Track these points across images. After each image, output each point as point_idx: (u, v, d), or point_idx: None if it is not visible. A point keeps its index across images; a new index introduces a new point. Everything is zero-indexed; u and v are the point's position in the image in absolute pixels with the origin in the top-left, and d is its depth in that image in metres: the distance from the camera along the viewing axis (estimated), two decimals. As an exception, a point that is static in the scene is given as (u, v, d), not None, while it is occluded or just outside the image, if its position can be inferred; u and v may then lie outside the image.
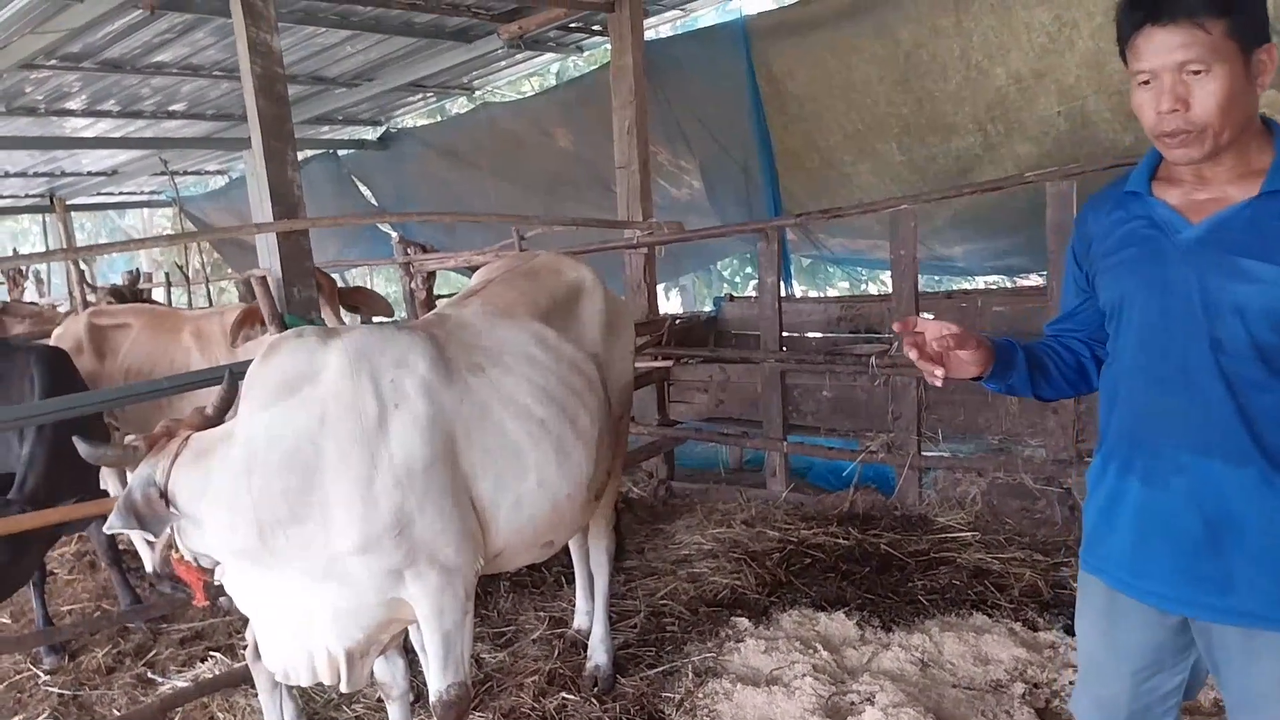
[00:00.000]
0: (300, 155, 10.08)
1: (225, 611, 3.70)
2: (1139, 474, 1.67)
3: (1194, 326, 1.56)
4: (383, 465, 2.26)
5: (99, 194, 13.86)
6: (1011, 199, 5.86)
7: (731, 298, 7.62)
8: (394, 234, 8.09)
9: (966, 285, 8.70)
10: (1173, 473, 1.62)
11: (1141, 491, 1.67)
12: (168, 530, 2.24)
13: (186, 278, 9.50)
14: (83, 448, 2.26)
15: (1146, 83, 1.52)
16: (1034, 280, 8.06)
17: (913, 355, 1.64)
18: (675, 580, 4.17)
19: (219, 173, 13.47)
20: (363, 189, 10.89)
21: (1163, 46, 1.47)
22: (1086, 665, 1.87)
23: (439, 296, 6.01)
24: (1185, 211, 1.59)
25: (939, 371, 1.64)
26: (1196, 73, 1.45)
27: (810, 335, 6.82)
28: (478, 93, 9.91)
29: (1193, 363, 1.58)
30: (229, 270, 12.74)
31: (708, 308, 8.22)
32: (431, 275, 6.03)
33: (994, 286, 9.07)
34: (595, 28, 7.50)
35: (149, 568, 4.72)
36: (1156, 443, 1.64)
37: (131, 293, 7.22)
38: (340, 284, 5.05)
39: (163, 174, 11.10)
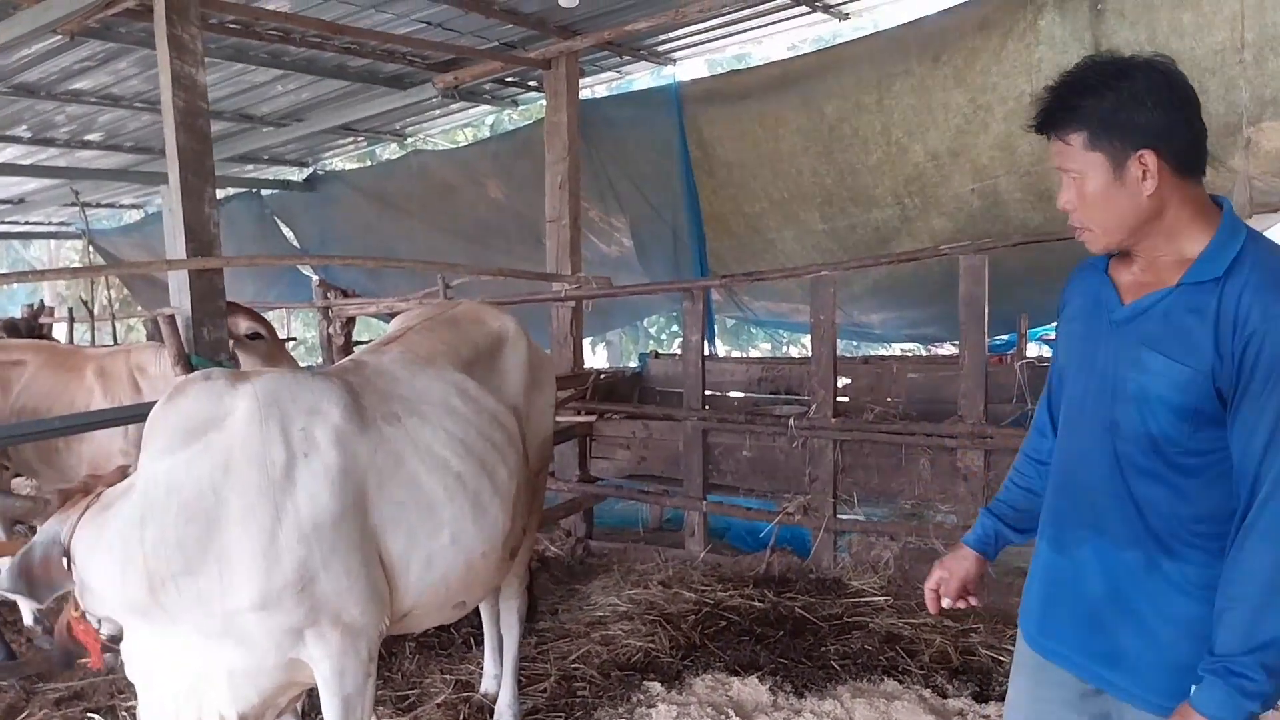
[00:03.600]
0: (221, 193, 9.89)
1: (109, 669, 3.46)
2: (1049, 539, 1.73)
3: (1102, 408, 1.61)
4: (288, 517, 2.15)
5: (2, 222, 13.24)
6: (927, 270, 6.09)
7: (656, 355, 7.67)
8: (315, 277, 7.94)
9: (883, 351, 8.95)
10: (1074, 544, 1.66)
11: (1049, 556, 1.73)
12: (57, 594, 2.10)
13: (91, 314, 9.09)
14: None
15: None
16: (947, 349, 8.34)
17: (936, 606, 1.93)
18: (588, 643, 4.07)
19: (134, 206, 13.05)
20: (285, 230, 10.68)
21: (1051, 153, 1.61)
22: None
23: (358, 342, 5.88)
24: (1124, 291, 1.63)
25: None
26: (1074, 178, 1.56)
27: (732, 394, 6.90)
28: (410, 139, 9.87)
29: (1095, 443, 1.62)
30: (138, 308, 12.28)
31: (633, 363, 8.24)
32: (351, 321, 5.91)
33: (909, 354, 9.35)
34: (531, 83, 7.57)
35: (27, 620, 4.45)
36: (1064, 513, 1.70)
37: (28, 328, 6.87)
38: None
39: (73, 205, 10.68)
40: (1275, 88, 4.71)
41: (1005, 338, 6.75)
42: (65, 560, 2.07)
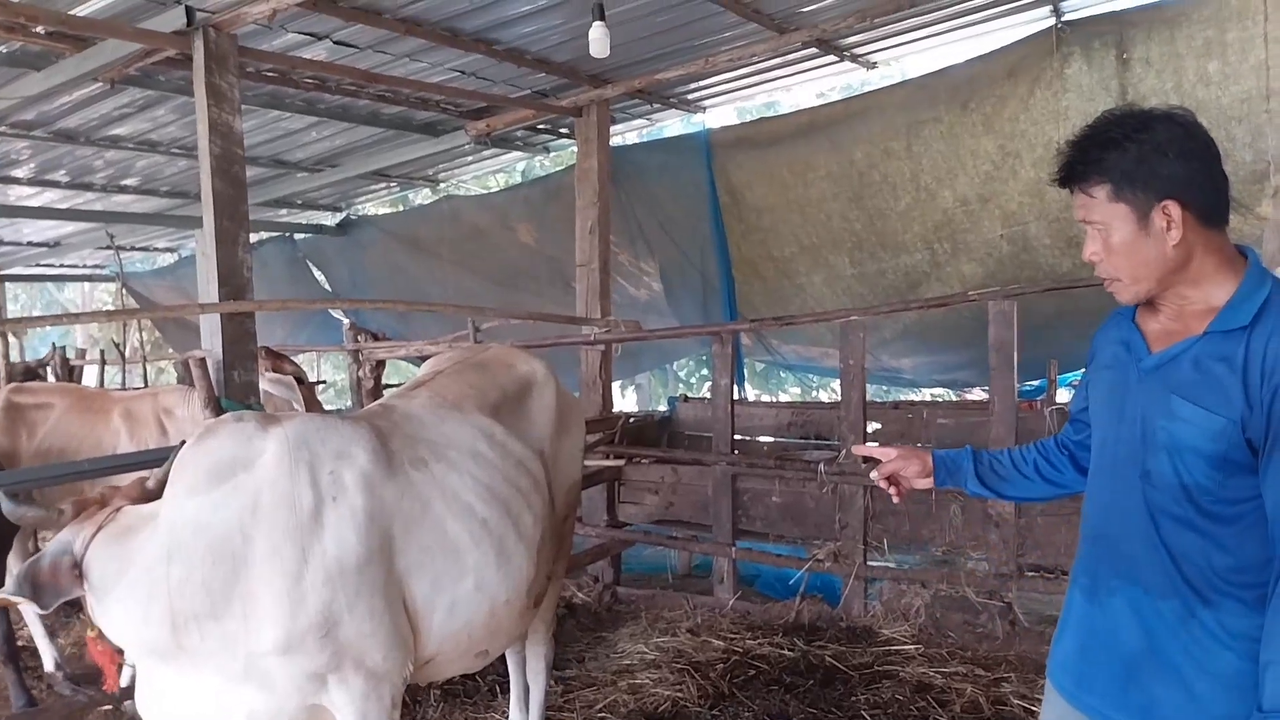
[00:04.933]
0: (255, 237, 10.07)
1: (130, 717, 3.44)
2: (1083, 589, 1.71)
3: (1133, 455, 1.60)
4: (314, 560, 2.15)
5: (38, 265, 13.52)
6: (957, 315, 6.04)
7: (686, 398, 7.64)
8: (345, 320, 8.02)
9: (913, 396, 8.85)
10: (1107, 594, 1.65)
11: (1084, 606, 1.71)
12: (59, 602, 2.10)
13: (123, 356, 9.22)
14: (6, 505, 2.15)
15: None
16: (977, 394, 8.23)
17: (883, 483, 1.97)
18: (615, 691, 4.01)
19: (168, 250, 13.29)
20: (317, 273, 10.82)
21: (1074, 206, 1.63)
22: None
23: (388, 385, 5.92)
24: (1153, 340, 1.63)
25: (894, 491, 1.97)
26: (1099, 229, 1.58)
27: (762, 439, 6.83)
28: (442, 185, 10.01)
29: (1127, 491, 1.61)
30: (169, 350, 12.45)
31: (663, 407, 8.21)
32: (381, 364, 5.95)
33: (939, 399, 9.25)
34: (563, 130, 7.67)
35: (48, 666, 4.44)
36: (1098, 562, 1.68)
37: (55, 372, 6.95)
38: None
39: (108, 248, 10.89)
40: (1302, 136, 4.68)
41: (1036, 383, 6.65)
42: (76, 570, 2.08)
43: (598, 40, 4.63)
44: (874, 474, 1.98)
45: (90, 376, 9.29)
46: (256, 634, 2.09)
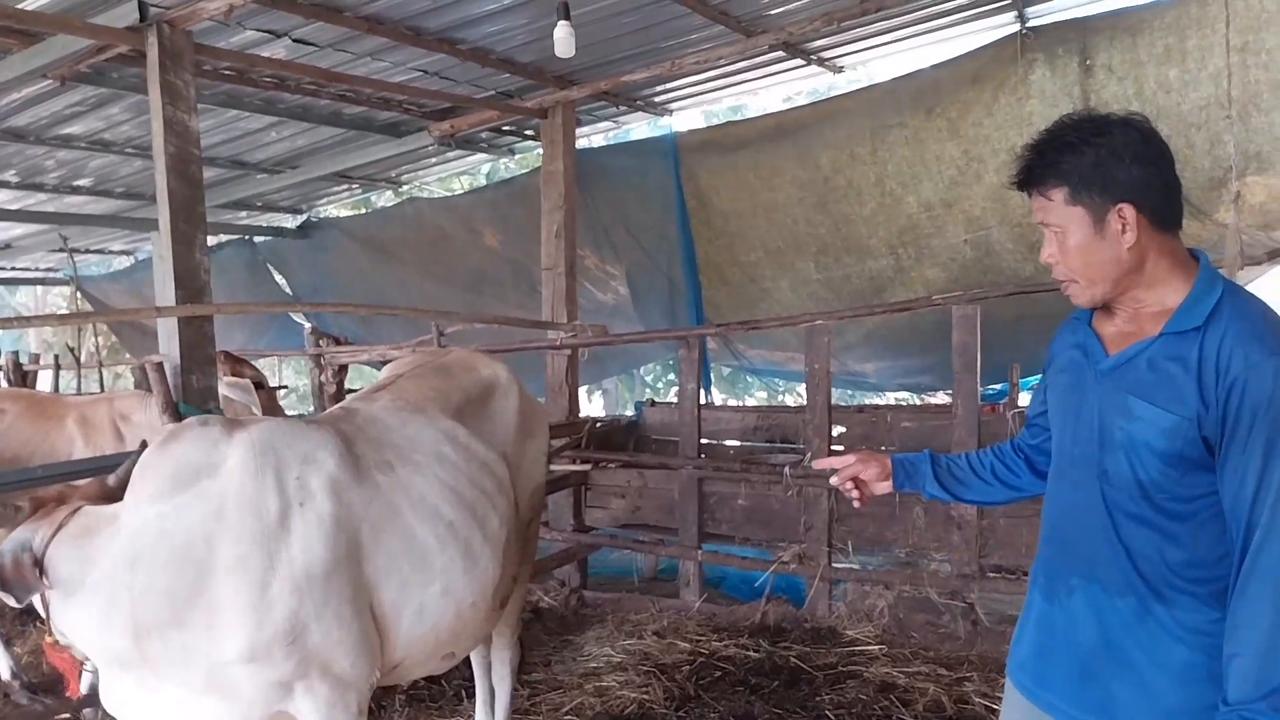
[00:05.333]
0: (213, 240, 9.89)
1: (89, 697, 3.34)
2: (1042, 589, 1.74)
3: (1091, 456, 1.63)
4: (281, 568, 2.11)
5: (-12, 268, 13.20)
6: (920, 320, 6.09)
7: (653, 403, 7.63)
8: (307, 324, 7.90)
9: (877, 400, 8.93)
10: (1066, 594, 1.67)
11: (1043, 605, 1.74)
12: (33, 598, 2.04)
13: (78, 361, 9.00)
14: None
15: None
16: (941, 398, 8.32)
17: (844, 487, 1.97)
18: (581, 694, 3.99)
19: (124, 253, 13.00)
20: (278, 277, 10.65)
21: (1033, 209, 1.65)
22: None
23: (349, 390, 5.83)
24: (1109, 342, 1.67)
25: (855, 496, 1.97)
26: (1057, 232, 1.61)
27: (728, 443, 6.85)
28: (405, 187, 9.91)
29: (1085, 491, 1.64)
30: (126, 355, 12.19)
31: (629, 411, 8.19)
32: (343, 369, 5.87)
33: (903, 403, 9.34)
34: (528, 132, 7.63)
35: (3, 674, 4.32)
36: (1056, 562, 1.71)
37: (9, 376, 6.78)
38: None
39: (62, 250, 10.64)
40: (1259, 143, 4.79)
41: (998, 387, 6.74)
42: (37, 569, 2.01)
43: (563, 40, 4.60)
44: (833, 479, 1.98)
45: (45, 382, 9.05)
46: (221, 643, 2.05)
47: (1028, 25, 5.43)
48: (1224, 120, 4.75)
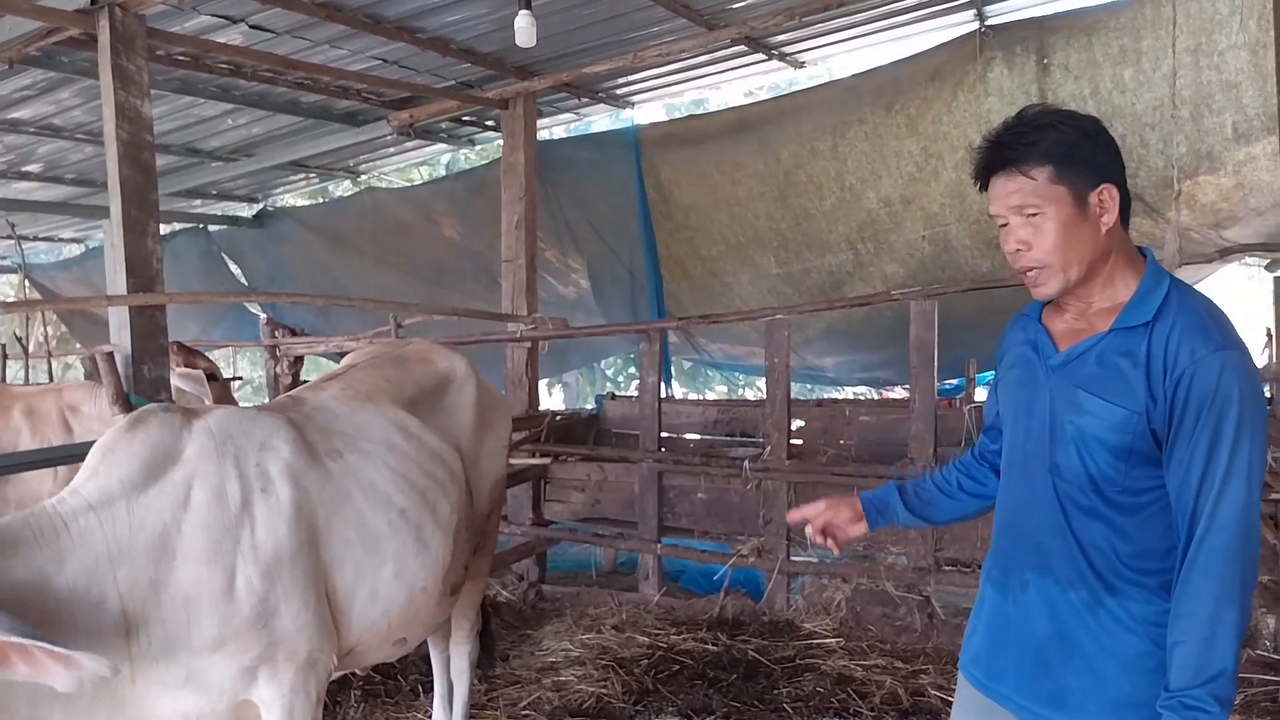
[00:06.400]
0: (167, 228, 9.67)
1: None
2: (995, 583, 1.76)
3: (1042, 450, 1.64)
4: (248, 552, 2.12)
5: (-67, 254, 12.80)
6: (879, 314, 6.15)
7: (613, 396, 7.62)
8: (262, 315, 7.77)
9: (836, 394, 9.01)
10: (1020, 588, 1.68)
11: (995, 599, 1.75)
12: None
13: (26, 351, 8.77)
14: None
15: (1004, 225, 1.64)
16: (899, 393, 8.42)
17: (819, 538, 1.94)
18: (540, 689, 3.97)
19: (75, 241, 12.69)
20: (233, 267, 10.46)
21: (1002, 192, 1.60)
22: None
23: (304, 382, 5.75)
24: (1059, 338, 1.67)
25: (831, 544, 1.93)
26: (1032, 215, 1.57)
27: (689, 436, 6.86)
28: (363, 177, 9.77)
29: (1037, 485, 1.65)
30: (76, 345, 11.90)
31: (590, 405, 8.18)
32: (299, 360, 5.77)
33: (861, 397, 9.43)
34: (488, 123, 7.56)
35: None
36: (1009, 556, 1.72)
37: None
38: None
39: (9, 238, 10.35)
40: (1210, 143, 4.88)
41: (955, 382, 6.84)
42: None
43: (523, 30, 4.56)
44: (808, 530, 1.95)
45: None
46: (196, 634, 2.03)
47: (986, 23, 5.49)
48: (1174, 120, 4.84)
